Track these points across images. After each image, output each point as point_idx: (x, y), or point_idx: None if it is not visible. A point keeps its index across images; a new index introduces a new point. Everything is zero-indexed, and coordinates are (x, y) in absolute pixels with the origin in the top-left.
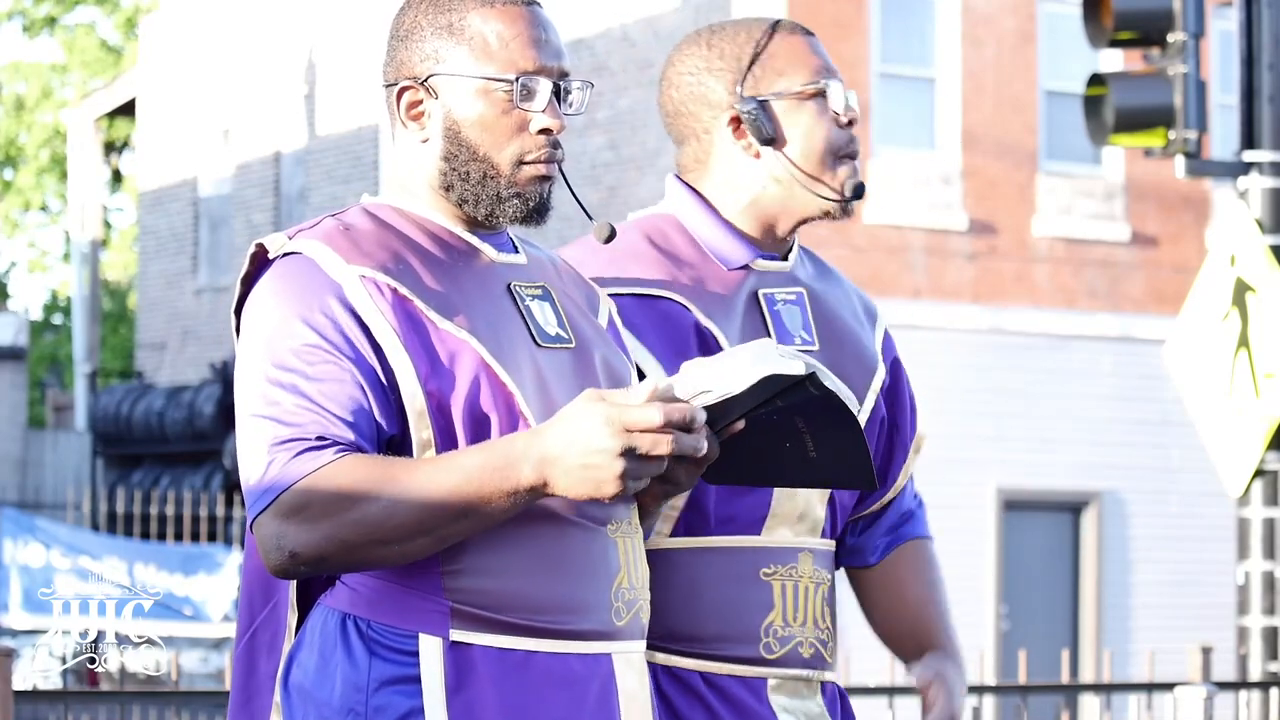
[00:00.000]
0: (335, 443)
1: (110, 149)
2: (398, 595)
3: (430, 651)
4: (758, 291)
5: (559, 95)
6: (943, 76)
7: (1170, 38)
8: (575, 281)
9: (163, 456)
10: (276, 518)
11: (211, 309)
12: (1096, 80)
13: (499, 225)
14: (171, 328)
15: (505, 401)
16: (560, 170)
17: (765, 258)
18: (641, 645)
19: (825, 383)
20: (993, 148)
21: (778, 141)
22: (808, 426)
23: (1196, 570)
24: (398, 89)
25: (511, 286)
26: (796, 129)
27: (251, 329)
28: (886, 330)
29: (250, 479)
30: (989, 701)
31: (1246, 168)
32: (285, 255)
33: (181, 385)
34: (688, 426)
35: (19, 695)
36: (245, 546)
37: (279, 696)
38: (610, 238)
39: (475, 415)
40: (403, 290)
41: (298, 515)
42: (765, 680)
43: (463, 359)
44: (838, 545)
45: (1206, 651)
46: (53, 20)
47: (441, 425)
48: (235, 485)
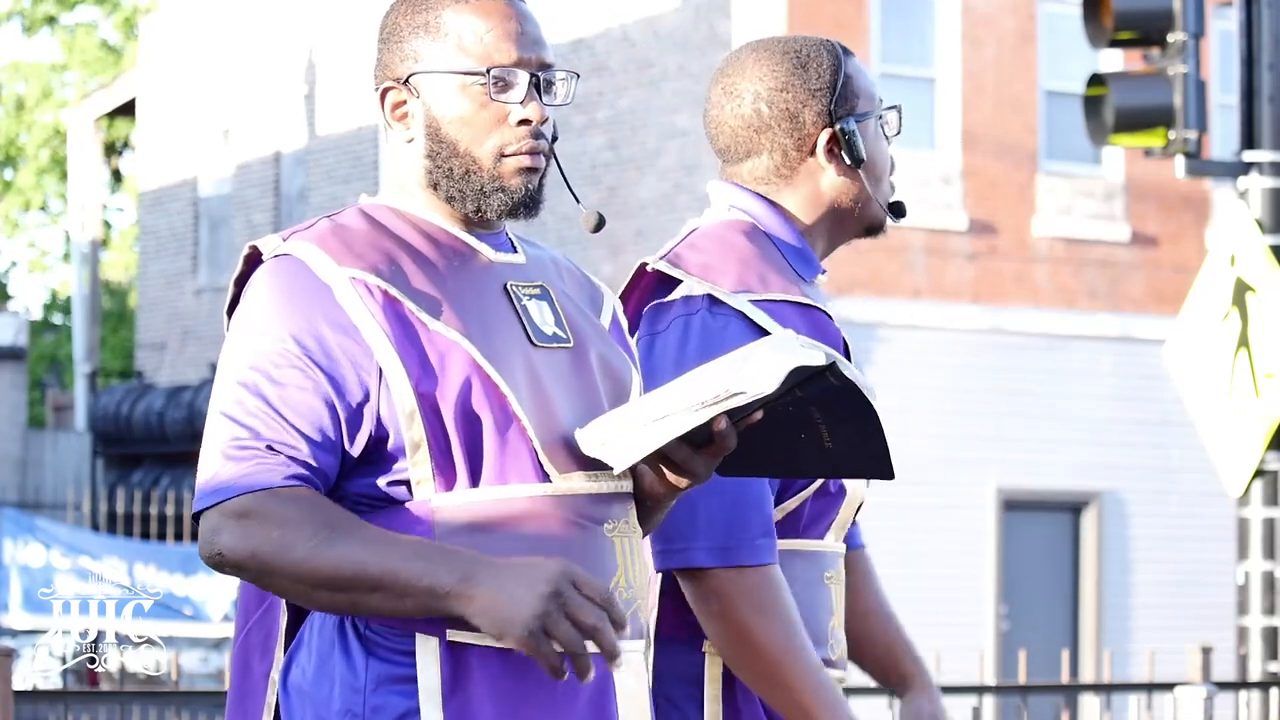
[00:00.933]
0: (290, 458)
1: (110, 149)
2: None
3: (427, 652)
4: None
5: (539, 87)
6: (943, 76)
7: (1170, 38)
8: (578, 281)
9: (163, 456)
10: (219, 515)
11: (211, 309)
12: (1096, 80)
13: (489, 221)
14: (171, 328)
15: (498, 402)
16: (557, 162)
17: (822, 272)
18: (640, 645)
19: (845, 372)
20: (993, 148)
21: (866, 162)
22: (823, 417)
23: (1196, 570)
24: (381, 90)
25: (508, 286)
26: (873, 149)
27: (237, 328)
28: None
29: (204, 473)
30: (989, 701)
31: (1246, 168)
32: (277, 256)
33: (181, 385)
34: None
35: (19, 695)
36: None
37: (278, 697)
38: (599, 227)
39: (467, 416)
40: (393, 292)
41: (236, 521)
42: None
43: (454, 360)
44: None
45: (1206, 651)
46: (53, 20)
47: (434, 427)
48: None
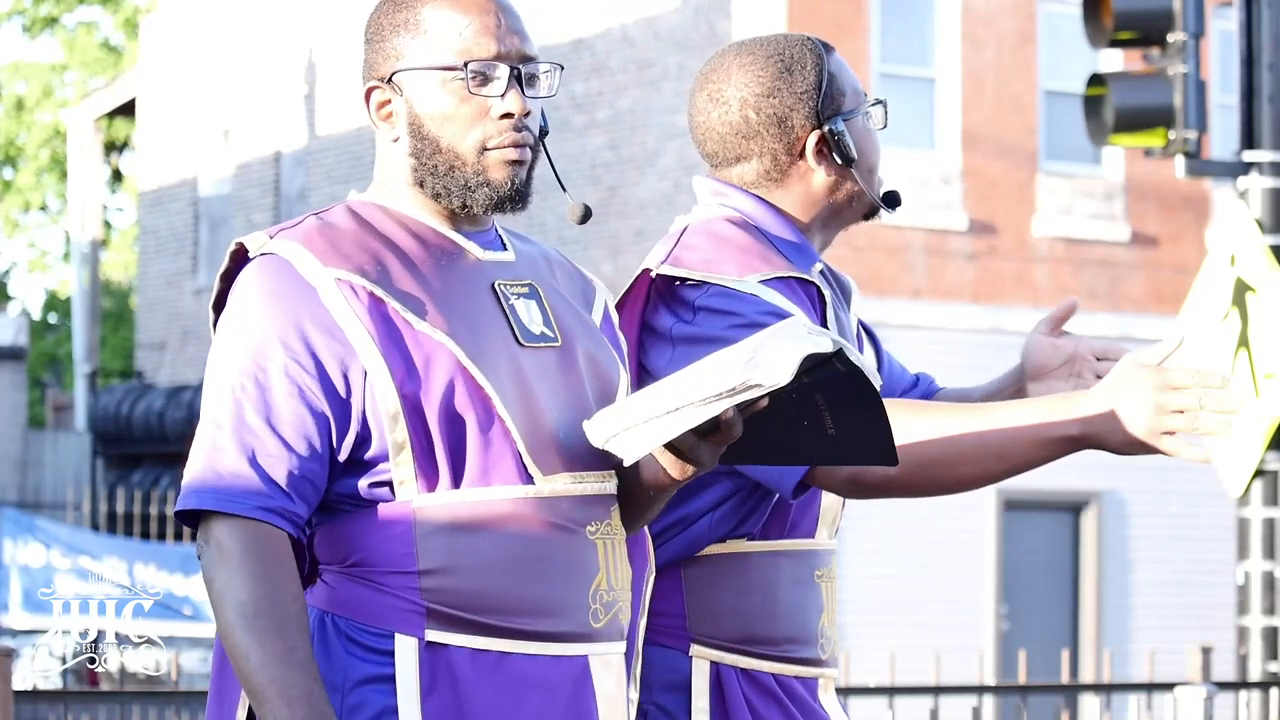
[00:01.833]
0: (271, 480)
1: (110, 149)
2: (374, 595)
3: (405, 651)
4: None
5: (521, 79)
6: (943, 76)
7: (1170, 38)
8: (570, 276)
9: (163, 456)
10: (205, 526)
11: None
12: (1096, 80)
13: (476, 217)
14: (171, 328)
15: (482, 403)
16: (547, 155)
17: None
18: (620, 647)
19: (851, 358)
20: (993, 148)
21: (856, 160)
22: (827, 404)
23: (1196, 570)
24: (366, 90)
25: (496, 285)
26: (863, 145)
27: (224, 331)
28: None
29: (189, 474)
30: (989, 701)
31: (1246, 168)
32: (263, 255)
33: (181, 385)
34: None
35: (19, 695)
36: None
37: None
38: (585, 218)
39: (451, 417)
40: (379, 293)
41: (212, 544)
42: (818, 680)
43: (439, 361)
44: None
45: (1206, 651)
46: (53, 20)
47: (417, 428)
48: None
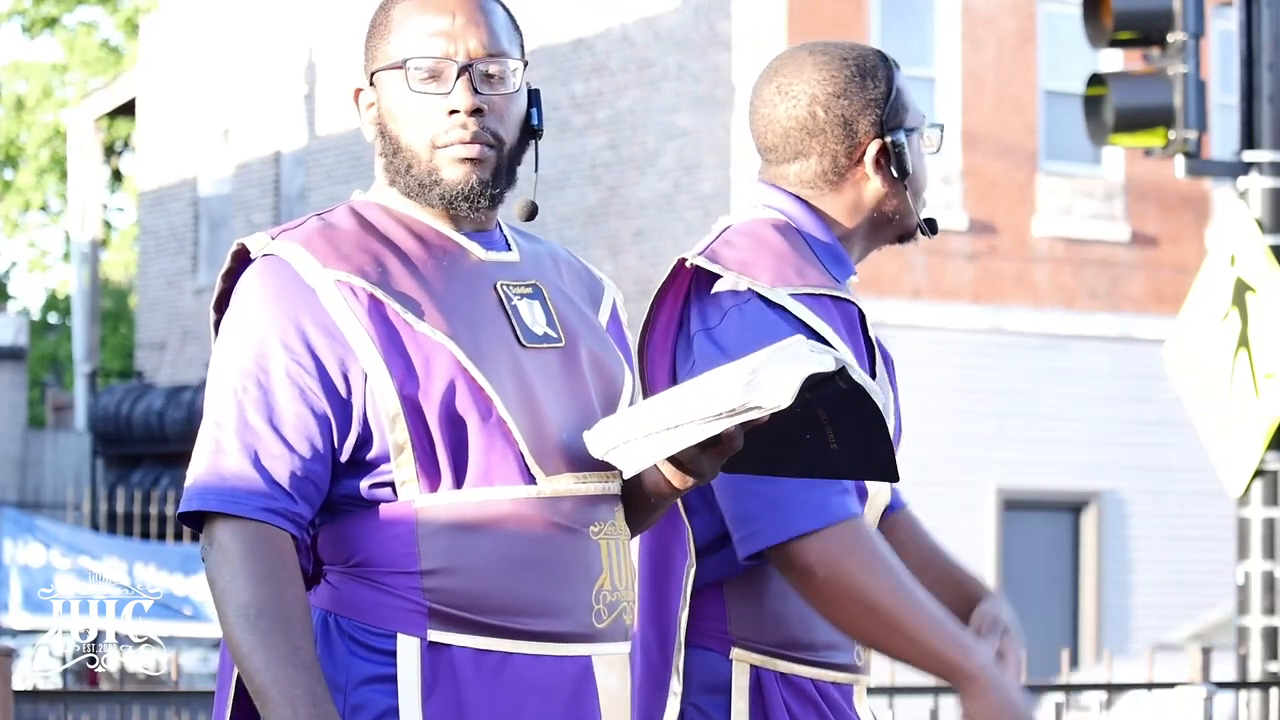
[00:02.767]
0: (274, 482)
1: (110, 149)
2: (377, 595)
3: (407, 651)
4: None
5: (474, 76)
6: (943, 76)
7: (1170, 38)
8: (577, 275)
9: (163, 456)
10: (209, 526)
11: None
12: (1096, 80)
13: (475, 217)
14: (171, 328)
15: (483, 404)
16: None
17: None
18: (625, 647)
19: (854, 376)
20: (993, 148)
21: (910, 176)
22: (830, 418)
23: (1196, 570)
24: (354, 92)
25: (498, 286)
26: (918, 164)
27: (226, 332)
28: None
29: (192, 475)
30: None
31: (1246, 168)
32: (265, 257)
33: (181, 385)
34: None
35: (19, 695)
36: None
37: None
38: (531, 215)
39: (452, 418)
40: (379, 295)
41: (214, 544)
42: (853, 687)
43: (439, 362)
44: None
45: (1206, 651)
46: (53, 20)
47: (418, 429)
48: None
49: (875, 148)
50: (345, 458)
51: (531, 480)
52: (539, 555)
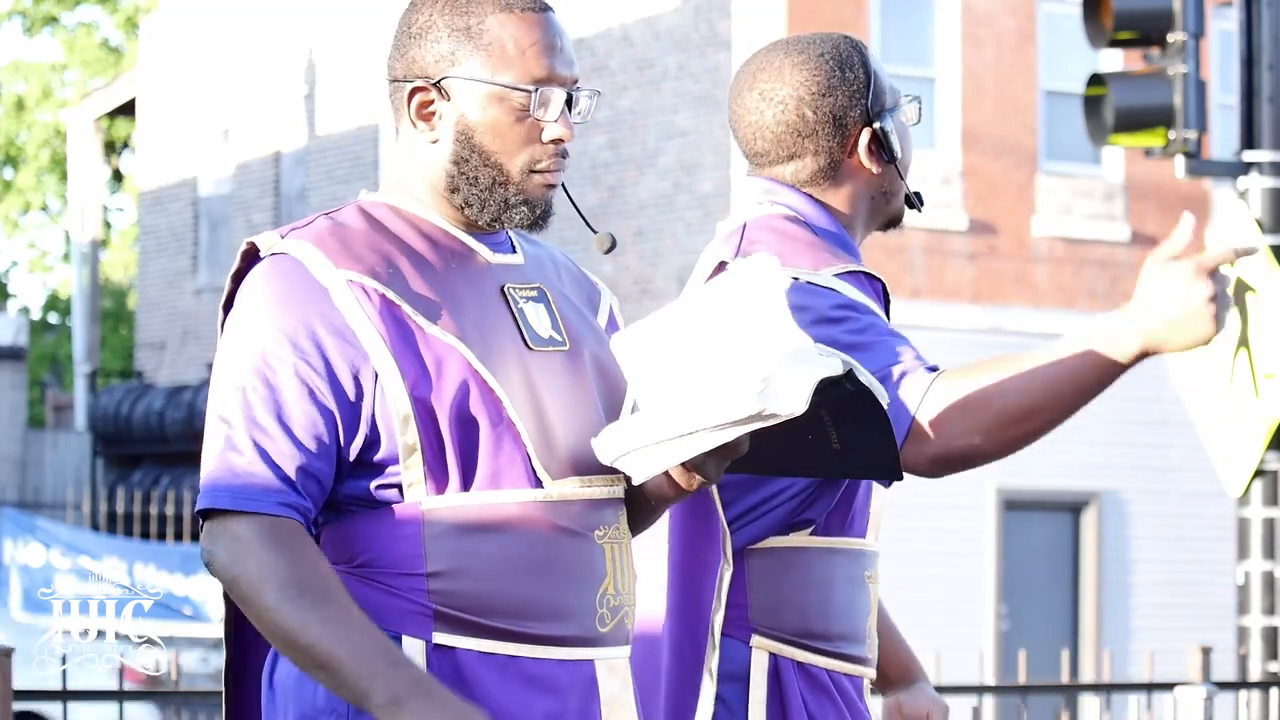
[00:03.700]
0: (284, 477)
1: (110, 149)
2: (382, 596)
3: (412, 653)
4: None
5: (569, 105)
6: (943, 76)
7: (1170, 38)
8: (576, 279)
9: (163, 456)
10: (219, 525)
11: (211, 309)
12: (1096, 80)
13: (504, 229)
14: (171, 328)
15: (493, 406)
16: (564, 187)
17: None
18: (626, 651)
19: (861, 379)
20: (993, 148)
21: (899, 158)
22: (832, 419)
23: (1196, 570)
24: (410, 88)
25: (505, 289)
26: (904, 142)
27: (234, 329)
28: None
29: (204, 475)
30: (989, 701)
31: (1246, 168)
32: (275, 255)
33: (181, 385)
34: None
35: (19, 695)
36: None
37: (265, 692)
38: (611, 248)
39: (462, 420)
40: (390, 295)
41: (230, 541)
42: (863, 680)
43: (450, 364)
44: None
45: (1206, 651)
46: (53, 19)
47: (429, 430)
48: None
49: (866, 137)
50: (352, 458)
51: (538, 484)
52: (544, 558)
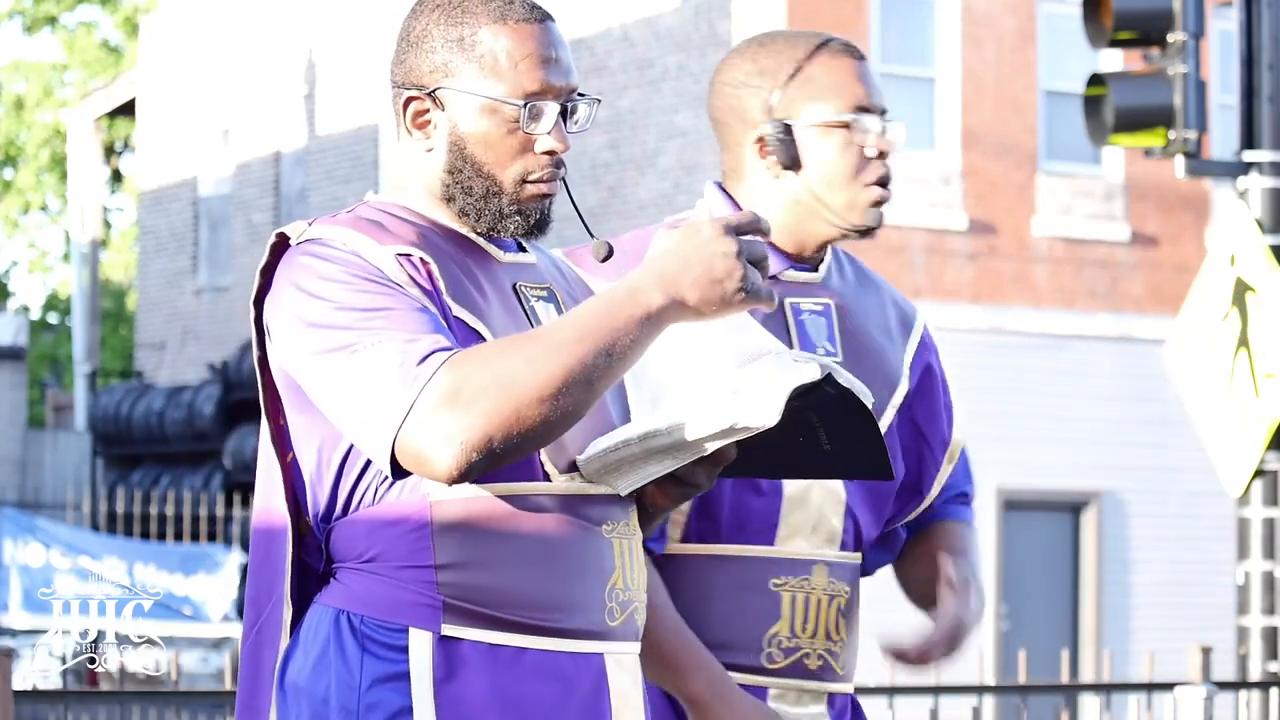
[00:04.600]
0: (449, 344)
1: (110, 149)
2: (390, 590)
3: (420, 645)
4: (784, 301)
5: (565, 114)
6: (943, 76)
7: (1170, 38)
8: (577, 285)
9: (162, 456)
10: (428, 415)
11: (211, 309)
12: (1096, 80)
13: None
14: (171, 328)
15: None
16: (564, 182)
17: (796, 268)
18: (636, 647)
19: (840, 381)
20: (992, 148)
21: (797, 167)
22: (821, 420)
23: (1196, 570)
24: (405, 96)
25: (517, 286)
26: (819, 156)
27: (301, 297)
28: (925, 337)
29: (374, 402)
30: (989, 701)
31: (1246, 168)
32: (313, 240)
33: (181, 385)
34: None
35: (19, 695)
36: (251, 542)
37: (275, 693)
38: (608, 256)
39: None
40: (433, 268)
41: (451, 402)
42: (766, 689)
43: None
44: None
45: (1206, 651)
46: (53, 19)
47: None
48: (235, 485)
49: (754, 136)
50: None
51: (546, 477)
52: (552, 551)
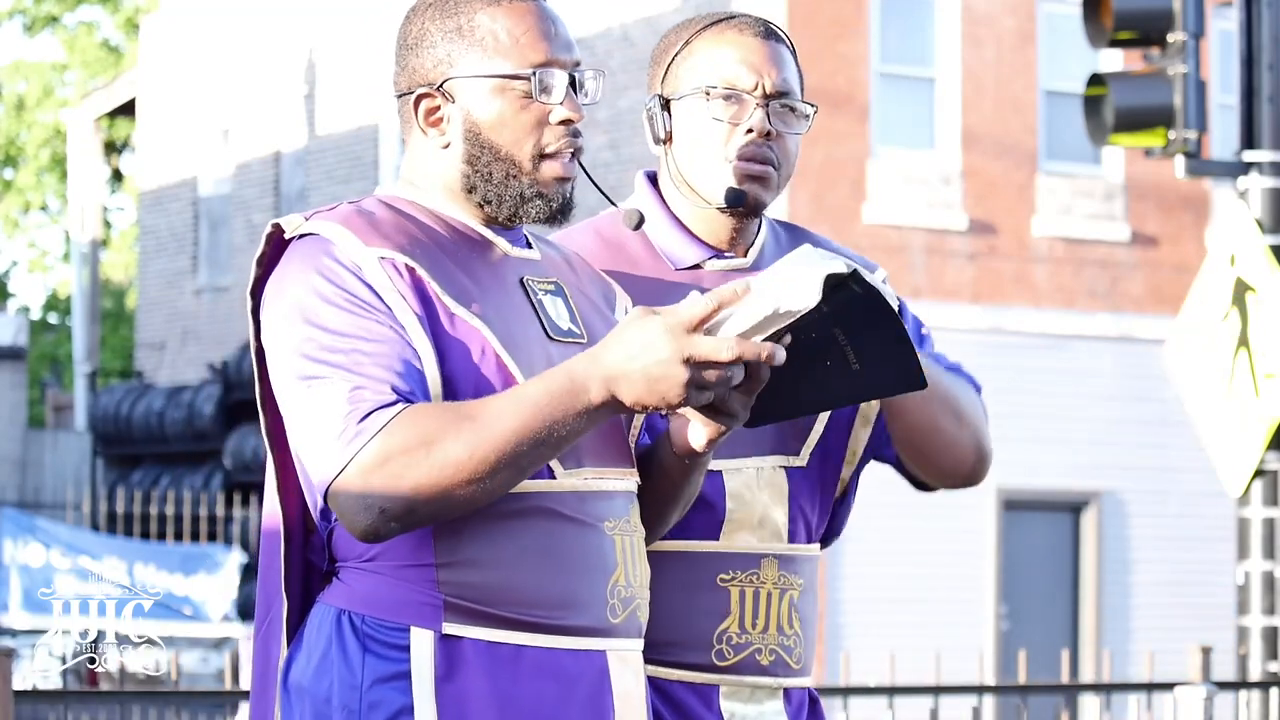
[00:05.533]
0: (398, 396)
1: (110, 149)
2: (392, 589)
3: (421, 644)
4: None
5: (574, 86)
6: (943, 76)
7: (1170, 38)
8: (591, 278)
9: (162, 456)
10: (358, 477)
11: (211, 309)
12: (1096, 80)
13: (522, 224)
14: (171, 328)
15: None
16: (582, 166)
17: (722, 257)
18: (638, 644)
19: (868, 279)
20: (992, 148)
21: (667, 141)
22: (847, 336)
23: (1196, 570)
24: (414, 97)
25: (524, 280)
26: (684, 130)
27: (283, 307)
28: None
29: (315, 447)
30: (989, 701)
31: (1246, 168)
32: (303, 236)
33: (181, 385)
34: (761, 362)
35: (19, 695)
36: (260, 537)
37: (280, 694)
38: (640, 224)
39: None
40: (420, 272)
41: (380, 470)
42: (717, 687)
43: (474, 348)
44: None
45: (1206, 651)
46: (54, 19)
47: None
48: (235, 485)
49: (645, 116)
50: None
51: (550, 474)
52: (553, 548)
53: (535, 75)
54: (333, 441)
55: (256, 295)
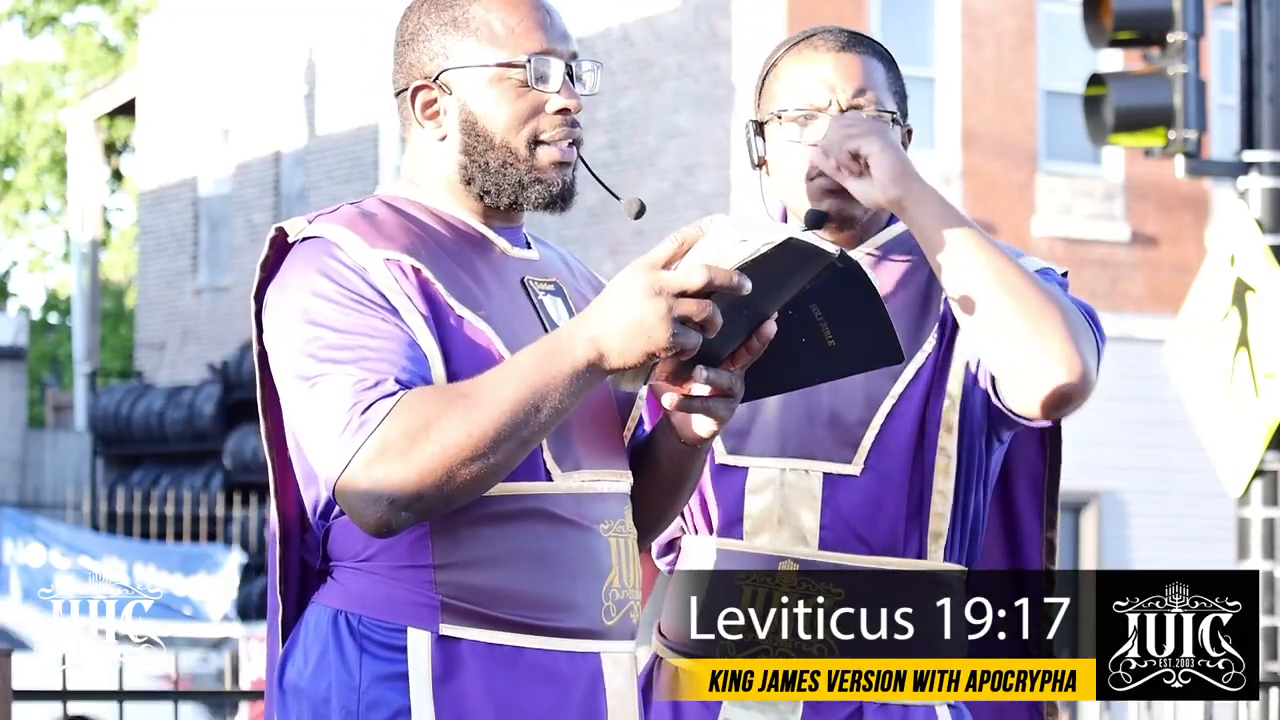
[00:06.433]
0: (400, 387)
1: (110, 149)
2: (388, 589)
3: (418, 645)
4: None
5: (571, 76)
6: (943, 76)
7: (1170, 38)
8: (587, 280)
9: (162, 456)
10: (363, 470)
11: (211, 309)
12: (1096, 80)
13: (513, 214)
14: (171, 328)
15: None
16: (582, 159)
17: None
18: (631, 646)
19: (852, 255)
20: (992, 148)
21: (762, 165)
22: (824, 313)
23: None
24: (411, 91)
25: (525, 281)
26: (771, 154)
27: (287, 309)
28: None
29: (321, 444)
30: None
31: (1246, 168)
32: (306, 239)
33: (181, 385)
34: (731, 289)
35: (19, 695)
36: (269, 533)
37: (275, 694)
38: (640, 213)
39: None
40: (426, 274)
41: (383, 458)
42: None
43: (479, 348)
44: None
45: None
46: (53, 20)
47: None
48: (235, 485)
49: None
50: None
51: (547, 476)
52: (549, 550)
53: (531, 63)
54: (337, 437)
55: (259, 299)
